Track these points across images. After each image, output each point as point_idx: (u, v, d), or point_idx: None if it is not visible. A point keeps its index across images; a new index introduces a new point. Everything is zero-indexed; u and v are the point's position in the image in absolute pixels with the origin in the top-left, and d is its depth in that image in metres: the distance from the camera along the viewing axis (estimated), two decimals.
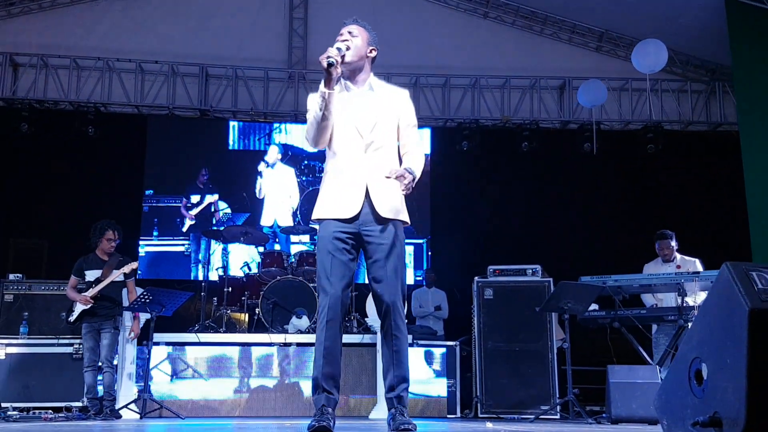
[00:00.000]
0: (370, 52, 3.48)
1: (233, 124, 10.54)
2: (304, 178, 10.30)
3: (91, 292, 6.20)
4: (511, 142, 10.56)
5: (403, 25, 10.42)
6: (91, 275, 6.33)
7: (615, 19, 10.36)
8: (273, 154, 10.29)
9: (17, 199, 9.87)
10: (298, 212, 10.05)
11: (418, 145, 3.52)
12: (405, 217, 3.42)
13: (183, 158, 10.41)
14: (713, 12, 9.16)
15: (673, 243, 6.70)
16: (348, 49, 3.35)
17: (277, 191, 10.20)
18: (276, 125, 10.53)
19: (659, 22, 9.53)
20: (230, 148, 10.47)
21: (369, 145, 3.37)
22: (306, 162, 10.36)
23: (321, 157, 10.11)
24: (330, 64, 3.21)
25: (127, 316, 6.53)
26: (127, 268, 6.30)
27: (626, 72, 10.54)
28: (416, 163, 3.38)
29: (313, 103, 3.33)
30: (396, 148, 3.49)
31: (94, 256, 6.42)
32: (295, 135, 10.44)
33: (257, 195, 10.17)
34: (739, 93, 9.44)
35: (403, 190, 3.24)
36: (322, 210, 3.40)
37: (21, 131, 9.81)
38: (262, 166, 10.25)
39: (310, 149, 9.92)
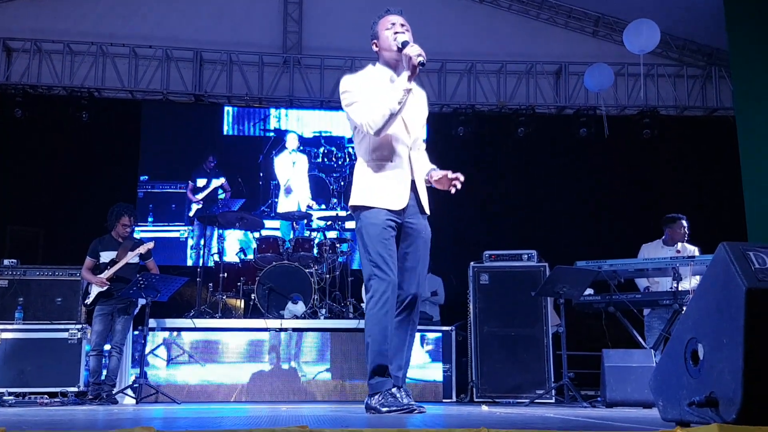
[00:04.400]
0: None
1: (228, 110, 10.50)
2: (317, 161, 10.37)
3: (107, 273, 6.31)
4: (507, 128, 10.55)
5: None
6: (106, 256, 6.44)
7: (611, 3, 10.34)
8: (293, 141, 10.25)
9: (11, 185, 9.81)
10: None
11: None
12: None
13: (178, 144, 10.36)
14: None
15: (685, 223, 6.79)
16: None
17: (299, 177, 10.21)
18: (272, 110, 10.50)
19: (655, 5, 9.49)
20: (225, 133, 10.42)
21: (414, 141, 3.61)
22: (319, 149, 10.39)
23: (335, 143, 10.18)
24: (422, 64, 3.35)
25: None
26: (143, 249, 6.41)
27: (622, 56, 10.52)
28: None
29: (391, 95, 3.39)
30: None
31: (109, 238, 6.53)
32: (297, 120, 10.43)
33: (281, 183, 10.13)
34: (736, 78, 9.40)
35: (452, 189, 3.63)
36: (371, 198, 3.52)
37: (14, 117, 9.76)
38: (286, 155, 10.22)
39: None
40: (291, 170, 10.18)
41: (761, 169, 8.67)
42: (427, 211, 3.64)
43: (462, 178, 3.54)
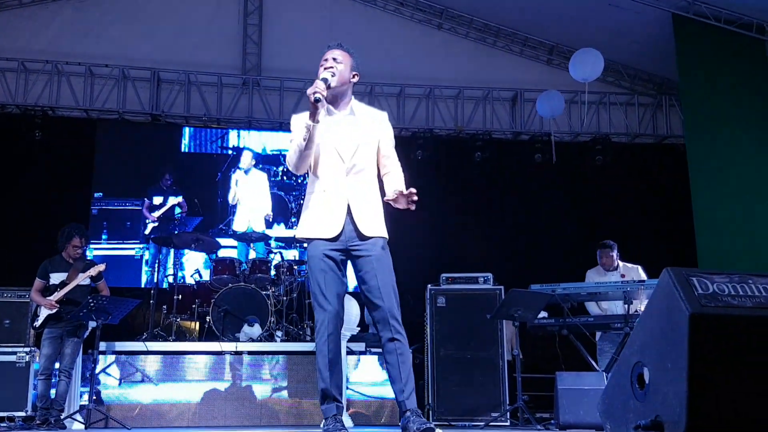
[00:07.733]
0: (353, 77, 3.62)
1: (186, 129, 10.41)
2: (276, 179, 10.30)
3: (57, 295, 6.12)
4: (465, 152, 10.67)
5: (358, 35, 10.44)
6: (56, 278, 6.25)
7: (565, 33, 10.56)
8: (247, 159, 10.19)
9: None
10: (271, 217, 10.05)
11: (398, 165, 3.71)
12: (385, 233, 3.60)
13: (134, 161, 10.20)
14: (661, 27, 9.40)
15: (614, 253, 6.89)
16: (333, 76, 3.46)
17: (251, 196, 10.11)
18: (230, 131, 10.44)
19: (608, 36, 9.74)
20: (183, 151, 10.32)
21: (350, 168, 3.51)
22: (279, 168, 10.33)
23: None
24: (317, 100, 3.30)
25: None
26: (93, 271, 6.23)
27: (576, 85, 10.73)
28: (402, 185, 3.59)
29: (297, 132, 3.41)
30: (375, 169, 3.65)
31: (59, 258, 6.34)
32: (257, 140, 10.39)
33: (230, 202, 10.05)
34: (686, 106, 9.70)
35: (411, 206, 3.47)
36: (307, 230, 3.53)
37: None
38: (238, 173, 10.14)
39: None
40: (243, 189, 10.12)
41: (711, 195, 8.92)
42: (367, 234, 3.50)
43: (414, 190, 3.44)
